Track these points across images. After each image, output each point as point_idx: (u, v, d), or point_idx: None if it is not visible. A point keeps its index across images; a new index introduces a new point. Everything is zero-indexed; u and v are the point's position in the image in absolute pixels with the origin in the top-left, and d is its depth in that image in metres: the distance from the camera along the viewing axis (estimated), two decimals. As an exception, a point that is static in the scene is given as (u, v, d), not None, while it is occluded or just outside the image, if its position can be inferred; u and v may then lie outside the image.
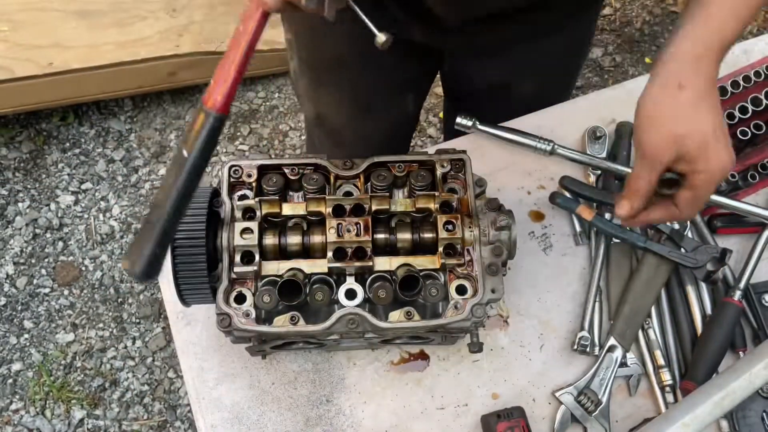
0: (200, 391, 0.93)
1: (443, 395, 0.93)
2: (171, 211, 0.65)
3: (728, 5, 0.66)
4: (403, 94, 1.15)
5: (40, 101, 2.02)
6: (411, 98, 1.17)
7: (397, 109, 1.17)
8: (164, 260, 0.65)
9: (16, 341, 1.88)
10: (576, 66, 1.21)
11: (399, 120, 1.22)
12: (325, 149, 1.30)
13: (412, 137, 1.37)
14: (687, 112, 0.66)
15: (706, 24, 0.66)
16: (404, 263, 0.79)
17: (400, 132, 1.30)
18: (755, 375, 0.83)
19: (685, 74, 0.66)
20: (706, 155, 0.66)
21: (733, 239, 1.00)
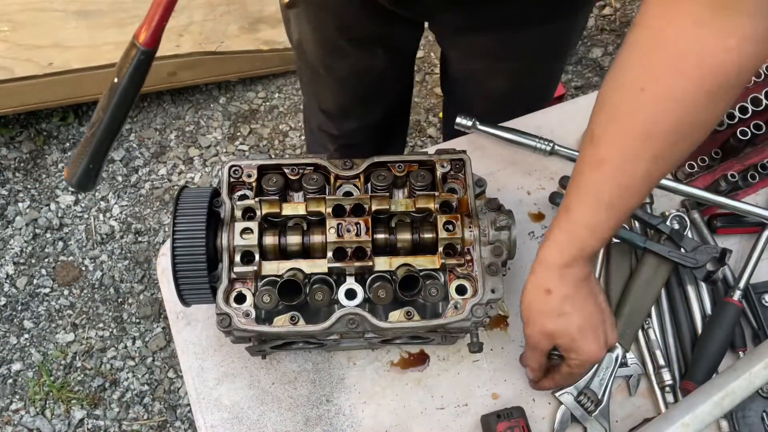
0: (200, 391, 0.93)
1: (443, 395, 0.93)
2: (103, 129, 0.74)
3: (588, 223, 0.71)
4: (370, 45, 1.12)
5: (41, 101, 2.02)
6: (380, 53, 1.14)
7: (366, 59, 1.15)
8: (99, 173, 0.76)
9: (16, 341, 1.88)
10: (551, 69, 1.21)
11: (369, 72, 1.19)
12: (306, 80, 1.32)
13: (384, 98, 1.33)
14: (554, 314, 0.75)
15: (570, 238, 0.72)
16: (404, 263, 0.79)
17: (373, 86, 1.26)
18: (755, 375, 0.83)
19: (552, 281, 0.74)
20: (575, 349, 0.76)
21: (733, 239, 1.00)
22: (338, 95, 1.29)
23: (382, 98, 1.30)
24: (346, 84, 1.23)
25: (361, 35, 1.08)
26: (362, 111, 1.31)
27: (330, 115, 1.35)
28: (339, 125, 1.36)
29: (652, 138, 0.64)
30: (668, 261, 0.93)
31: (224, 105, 2.22)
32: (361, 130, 1.36)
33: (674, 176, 1.04)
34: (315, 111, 1.38)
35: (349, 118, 1.33)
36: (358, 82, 1.22)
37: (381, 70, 1.17)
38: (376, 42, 1.10)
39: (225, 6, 2.13)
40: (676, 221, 0.97)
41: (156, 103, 2.21)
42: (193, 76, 2.11)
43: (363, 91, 1.25)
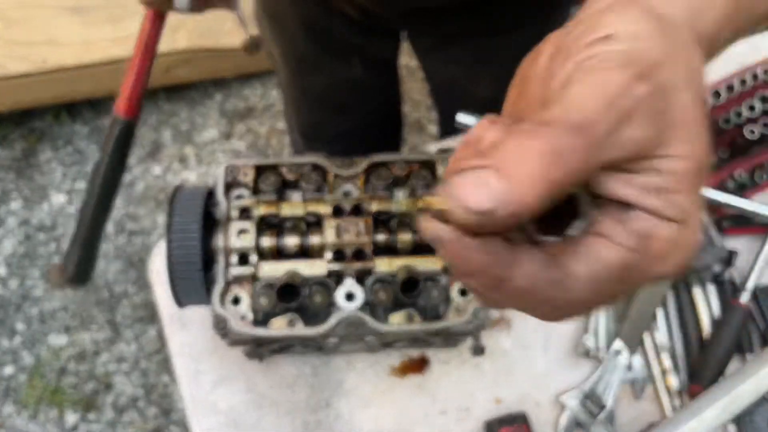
0: (195, 395, 0.91)
1: (445, 399, 0.91)
2: (90, 216, 0.69)
3: None
4: (346, 55, 1.07)
5: (34, 99, 2.00)
6: (356, 62, 1.08)
7: (342, 70, 1.10)
8: (94, 263, 0.70)
9: (8, 344, 1.86)
10: None
11: (346, 83, 1.14)
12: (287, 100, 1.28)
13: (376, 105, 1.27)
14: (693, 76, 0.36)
15: None
16: (405, 264, 0.77)
17: (351, 97, 1.19)
18: (763, 379, 0.82)
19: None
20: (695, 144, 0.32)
21: (741, 240, 0.99)
22: (310, 110, 1.24)
23: (363, 108, 1.24)
24: (320, 97, 1.19)
25: (334, 45, 1.05)
26: (338, 122, 1.25)
27: (307, 136, 1.32)
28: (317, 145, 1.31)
29: None
30: (675, 262, 0.92)
31: (220, 103, 2.20)
32: (339, 141, 1.30)
33: (680, 175, 1.03)
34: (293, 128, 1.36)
35: (325, 131, 1.29)
36: (333, 93, 1.17)
37: (358, 80, 1.13)
38: (351, 51, 1.07)
39: (221, 3, 2.11)
40: (683, 221, 0.95)
41: (151, 100, 2.18)
42: (188, 73, 2.09)
43: (337, 101, 1.20)
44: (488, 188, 0.27)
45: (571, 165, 0.27)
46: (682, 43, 0.33)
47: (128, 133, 0.70)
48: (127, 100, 0.69)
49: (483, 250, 0.28)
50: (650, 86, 0.29)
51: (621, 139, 0.29)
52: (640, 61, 0.30)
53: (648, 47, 0.31)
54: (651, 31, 0.32)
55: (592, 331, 0.92)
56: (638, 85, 0.29)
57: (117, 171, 0.71)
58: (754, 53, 1.10)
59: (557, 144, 0.27)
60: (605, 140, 0.28)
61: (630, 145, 0.29)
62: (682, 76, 0.32)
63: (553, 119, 0.28)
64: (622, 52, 0.30)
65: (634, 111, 0.29)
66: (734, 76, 1.04)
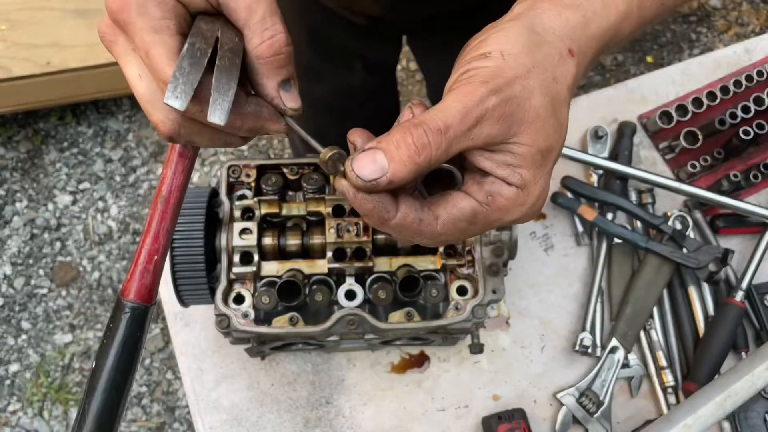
0: (199, 393, 0.92)
1: (444, 397, 0.93)
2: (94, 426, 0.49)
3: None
4: (348, 61, 1.07)
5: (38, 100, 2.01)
6: (358, 67, 1.08)
7: (344, 77, 1.11)
8: None
9: (13, 342, 1.87)
10: None
11: (348, 90, 1.14)
12: None
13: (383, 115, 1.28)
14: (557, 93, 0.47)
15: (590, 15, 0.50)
16: (404, 264, 0.78)
17: (351, 104, 1.19)
18: (757, 376, 0.83)
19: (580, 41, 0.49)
20: (533, 166, 0.46)
21: (736, 239, 1.00)
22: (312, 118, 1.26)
23: (363, 112, 1.25)
24: (321, 106, 1.19)
25: (338, 53, 1.06)
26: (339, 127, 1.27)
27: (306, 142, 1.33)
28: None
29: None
30: (670, 261, 0.93)
31: (223, 104, 2.21)
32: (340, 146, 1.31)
33: (676, 176, 1.04)
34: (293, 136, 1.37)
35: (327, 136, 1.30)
36: (336, 99, 1.18)
37: (359, 86, 1.13)
38: (354, 57, 1.08)
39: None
40: (678, 221, 0.96)
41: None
42: (191, 75, 2.10)
43: (340, 109, 1.21)
44: (375, 164, 0.42)
45: (430, 154, 0.42)
46: (546, 57, 0.46)
47: (139, 320, 0.51)
48: (139, 277, 0.51)
49: (371, 200, 0.44)
50: (500, 99, 0.43)
51: (473, 135, 0.43)
52: (497, 76, 0.43)
53: (508, 65, 0.44)
54: (516, 49, 0.44)
55: (588, 330, 0.94)
56: (490, 98, 0.43)
57: (128, 369, 0.51)
58: (747, 56, 1.11)
59: (422, 140, 0.42)
60: (460, 138, 0.43)
61: (481, 138, 0.44)
62: (536, 86, 0.44)
63: (424, 121, 0.43)
64: (488, 69, 0.44)
65: (484, 117, 0.43)
66: (728, 78, 1.05)
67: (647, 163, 1.05)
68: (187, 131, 0.47)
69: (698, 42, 2.33)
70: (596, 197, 0.97)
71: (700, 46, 2.32)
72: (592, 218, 0.94)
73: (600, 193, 0.97)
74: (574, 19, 0.48)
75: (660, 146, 1.05)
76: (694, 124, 1.01)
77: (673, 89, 1.09)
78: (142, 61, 0.47)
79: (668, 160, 1.05)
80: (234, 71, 0.47)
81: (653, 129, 1.05)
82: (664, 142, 1.05)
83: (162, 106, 0.46)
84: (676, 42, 2.33)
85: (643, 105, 1.08)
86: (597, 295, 0.96)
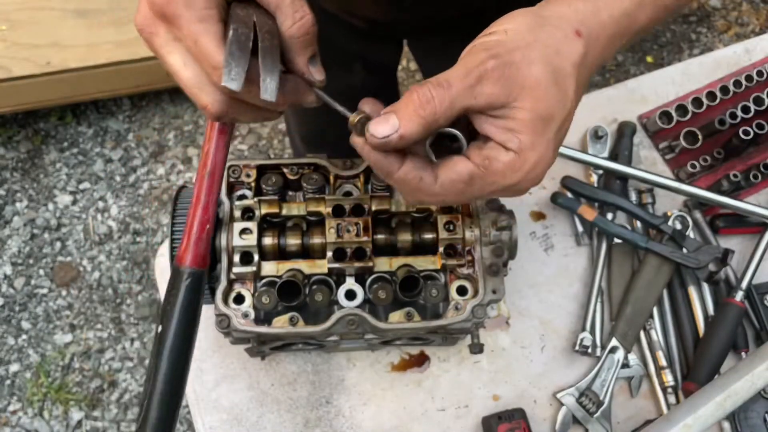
0: (199, 393, 0.92)
1: (444, 396, 0.93)
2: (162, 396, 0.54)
3: None
4: (349, 62, 1.08)
5: (38, 100, 2.02)
6: (358, 68, 1.08)
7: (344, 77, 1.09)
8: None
9: (14, 342, 1.88)
10: None
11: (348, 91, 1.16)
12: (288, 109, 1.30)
13: None
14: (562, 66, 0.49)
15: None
16: (404, 264, 0.78)
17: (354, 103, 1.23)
18: (757, 376, 0.83)
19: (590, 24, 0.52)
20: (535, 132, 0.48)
21: (736, 239, 1.00)
22: (311, 120, 1.26)
23: None
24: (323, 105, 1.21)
25: (337, 54, 1.07)
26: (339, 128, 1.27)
27: (308, 141, 1.33)
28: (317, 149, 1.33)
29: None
30: (670, 261, 0.93)
31: (223, 104, 2.21)
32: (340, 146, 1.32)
33: (676, 176, 1.04)
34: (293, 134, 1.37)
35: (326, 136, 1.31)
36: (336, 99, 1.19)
37: (359, 87, 1.14)
38: (354, 58, 1.08)
39: (224, 5, 2.13)
40: (678, 221, 0.96)
41: (154, 102, 2.20)
42: (191, 75, 2.10)
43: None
44: (387, 123, 0.49)
45: (434, 108, 0.47)
46: (549, 35, 0.49)
47: (196, 284, 0.56)
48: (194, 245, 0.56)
49: (380, 155, 0.50)
50: (499, 62, 0.47)
51: (475, 94, 0.47)
52: (498, 46, 0.48)
53: (509, 38, 0.48)
54: (520, 27, 0.49)
55: (588, 330, 0.94)
56: (489, 61, 0.47)
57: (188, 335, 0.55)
58: (747, 56, 1.11)
59: (426, 95, 0.47)
60: (462, 94, 0.47)
61: (483, 98, 0.47)
62: (537, 57, 0.47)
63: (429, 80, 0.48)
64: (490, 41, 0.49)
65: (484, 77, 0.47)
66: (728, 78, 1.05)
67: (647, 163, 1.05)
68: (233, 110, 0.52)
69: (698, 42, 2.33)
70: (596, 197, 0.97)
71: (700, 46, 2.32)
72: (592, 218, 0.94)
73: (600, 193, 0.97)
74: (584, 7, 0.52)
75: (660, 146, 1.05)
76: (694, 124, 1.01)
77: (673, 89, 1.09)
78: (188, 50, 0.50)
79: (668, 160, 1.05)
80: (276, 52, 0.52)
81: (653, 129, 1.05)
82: (664, 142, 1.05)
83: (210, 89, 0.51)
84: (676, 42, 2.33)
85: (643, 105, 1.08)
86: (597, 295, 0.96)
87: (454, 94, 0.47)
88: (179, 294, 0.55)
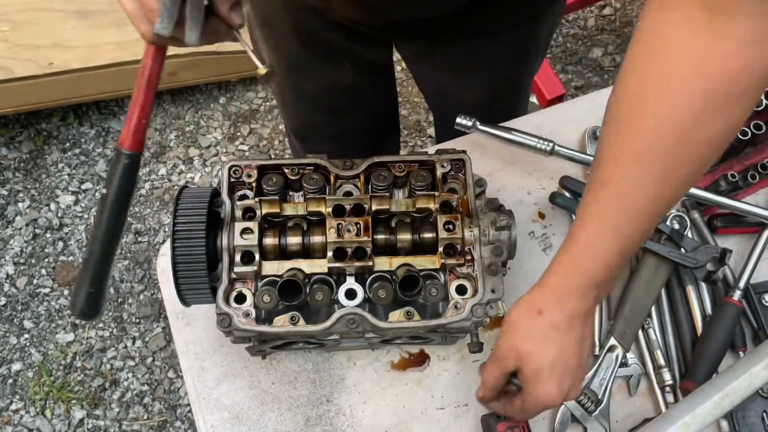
0: (200, 391, 0.93)
1: (443, 395, 0.93)
2: (98, 251, 0.70)
3: (594, 249, 0.66)
4: (337, 59, 1.09)
5: (40, 101, 2.02)
6: (347, 66, 1.11)
7: (334, 74, 1.12)
8: (103, 298, 0.72)
9: (16, 341, 1.88)
10: (519, 77, 1.19)
11: (339, 86, 1.16)
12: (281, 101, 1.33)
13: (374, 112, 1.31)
14: (535, 337, 0.70)
15: (575, 264, 0.68)
16: (404, 263, 0.79)
17: (344, 100, 1.22)
18: (755, 375, 0.83)
19: (548, 304, 0.69)
20: (535, 382, 0.71)
21: (733, 239, 1.00)
22: (303, 114, 1.26)
23: (357, 111, 1.26)
24: (312, 102, 1.21)
25: (326, 50, 1.06)
26: (332, 123, 1.27)
27: (301, 136, 1.34)
28: (312, 144, 1.32)
29: (655, 155, 0.60)
30: (668, 261, 0.93)
31: (224, 105, 2.22)
32: (334, 141, 1.31)
33: (674, 176, 1.04)
34: (288, 132, 1.38)
35: (319, 131, 1.30)
36: (325, 98, 1.19)
37: (351, 83, 1.14)
38: (343, 56, 1.08)
39: (225, 6, 2.13)
40: (676, 221, 0.97)
41: (156, 103, 2.21)
42: (193, 76, 2.11)
43: (331, 105, 1.21)
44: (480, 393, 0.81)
45: (487, 389, 0.79)
46: (549, 331, 0.70)
47: (134, 165, 0.71)
48: (133, 133, 0.70)
49: (491, 397, 0.80)
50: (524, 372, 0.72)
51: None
52: (518, 357, 0.72)
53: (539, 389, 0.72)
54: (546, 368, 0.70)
55: (587, 329, 0.94)
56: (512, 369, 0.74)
57: (124, 204, 0.71)
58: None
59: (486, 383, 0.78)
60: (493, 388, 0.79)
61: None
62: (547, 362, 0.70)
63: (485, 380, 0.79)
64: (509, 350, 0.73)
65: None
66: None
67: (646, 163, 1.05)
68: (165, 40, 0.69)
69: (698, 42, 2.33)
70: (595, 197, 0.97)
71: (700, 47, 2.32)
72: (591, 218, 0.95)
73: (598, 193, 0.98)
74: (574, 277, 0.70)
75: (658, 146, 1.06)
76: (692, 125, 1.02)
77: (672, 90, 1.09)
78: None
79: (667, 161, 1.05)
80: (200, 2, 0.66)
81: (652, 129, 1.05)
82: (662, 142, 1.05)
83: (146, 21, 0.67)
84: (676, 42, 2.33)
85: (642, 105, 1.08)
86: (595, 295, 0.96)
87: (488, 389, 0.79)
88: (118, 169, 0.70)
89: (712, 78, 0.56)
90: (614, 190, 0.63)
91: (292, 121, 1.33)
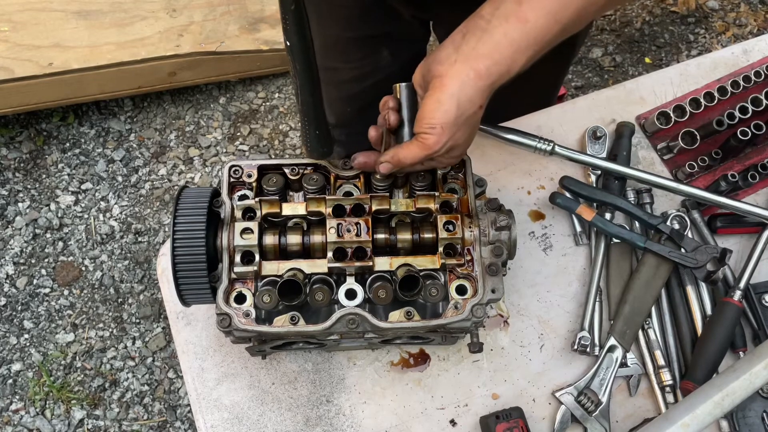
0: (200, 392, 0.93)
1: (443, 395, 0.93)
2: (307, 95, 0.73)
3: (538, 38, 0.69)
4: (376, 45, 1.12)
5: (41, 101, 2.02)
6: (385, 53, 1.14)
7: (371, 61, 1.15)
8: (329, 135, 0.78)
9: (16, 341, 1.88)
10: (557, 70, 1.20)
11: (373, 76, 1.18)
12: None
13: None
14: (472, 127, 0.76)
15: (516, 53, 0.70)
16: (404, 263, 0.79)
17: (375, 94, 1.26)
18: (755, 375, 0.83)
19: (484, 97, 0.72)
20: (452, 157, 0.78)
21: (734, 239, 1.00)
22: (336, 104, 1.28)
23: None
24: (347, 91, 1.22)
25: (366, 33, 1.08)
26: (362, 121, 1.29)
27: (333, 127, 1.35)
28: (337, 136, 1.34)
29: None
30: (668, 261, 0.94)
31: (224, 105, 2.22)
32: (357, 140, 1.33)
33: (674, 176, 1.04)
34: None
35: (348, 129, 1.32)
36: (360, 88, 1.20)
37: (385, 73, 1.16)
38: (381, 41, 1.10)
39: (225, 6, 2.13)
40: (677, 221, 0.97)
41: (156, 103, 2.21)
42: (193, 76, 2.11)
43: (364, 98, 1.22)
44: (387, 166, 0.78)
45: (404, 165, 0.77)
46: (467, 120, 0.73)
47: (300, 12, 0.67)
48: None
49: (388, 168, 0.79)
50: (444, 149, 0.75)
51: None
52: (437, 144, 0.74)
53: (446, 136, 0.73)
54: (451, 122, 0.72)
55: (587, 329, 0.94)
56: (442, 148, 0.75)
57: (306, 48, 0.69)
58: (745, 57, 1.12)
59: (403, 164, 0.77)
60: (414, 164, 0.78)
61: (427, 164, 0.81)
62: (463, 137, 0.75)
63: (401, 160, 0.77)
64: (432, 138, 0.73)
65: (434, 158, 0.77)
66: (726, 79, 1.06)
67: (645, 163, 1.05)
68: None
69: (696, 43, 2.34)
70: (595, 197, 0.98)
71: (698, 47, 2.32)
72: (591, 218, 0.95)
73: (598, 193, 0.98)
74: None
75: (658, 147, 1.06)
76: (692, 125, 1.02)
77: (671, 90, 1.09)
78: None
79: (666, 161, 1.05)
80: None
81: (651, 129, 1.06)
82: (662, 142, 1.05)
83: None
84: (674, 43, 2.33)
85: (642, 106, 1.09)
86: (595, 295, 0.96)
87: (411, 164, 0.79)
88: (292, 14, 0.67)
89: None
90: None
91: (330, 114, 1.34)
